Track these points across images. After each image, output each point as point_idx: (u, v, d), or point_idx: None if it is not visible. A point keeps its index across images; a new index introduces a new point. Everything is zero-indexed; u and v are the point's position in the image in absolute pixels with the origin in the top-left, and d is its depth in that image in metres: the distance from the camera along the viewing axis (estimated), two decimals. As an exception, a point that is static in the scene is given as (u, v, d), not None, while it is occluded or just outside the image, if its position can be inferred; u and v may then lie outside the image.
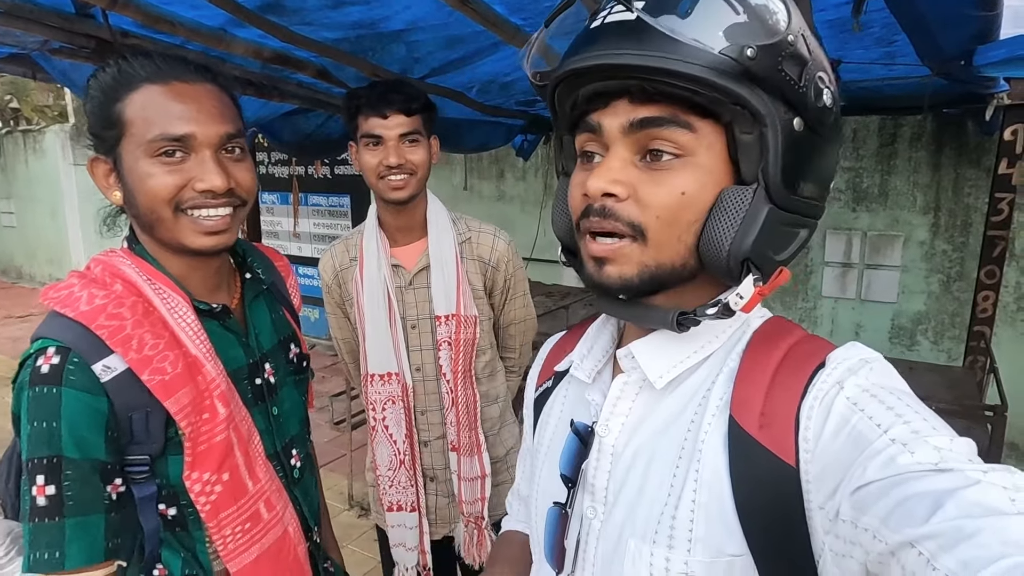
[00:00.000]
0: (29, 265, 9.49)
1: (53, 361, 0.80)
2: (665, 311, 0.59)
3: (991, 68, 1.74)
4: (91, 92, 0.87)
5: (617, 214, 0.57)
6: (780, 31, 0.51)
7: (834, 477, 0.50)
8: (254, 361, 1.00)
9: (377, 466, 1.64)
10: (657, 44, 0.52)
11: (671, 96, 0.54)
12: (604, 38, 0.54)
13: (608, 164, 0.57)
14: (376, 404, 1.59)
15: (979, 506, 0.40)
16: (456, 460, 1.59)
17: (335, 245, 1.68)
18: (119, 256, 0.90)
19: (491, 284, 1.62)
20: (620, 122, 0.56)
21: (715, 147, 0.56)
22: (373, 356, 1.57)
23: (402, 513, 1.63)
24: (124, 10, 1.52)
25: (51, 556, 0.78)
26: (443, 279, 1.53)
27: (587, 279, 0.62)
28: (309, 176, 5.85)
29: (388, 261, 1.55)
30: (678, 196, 0.56)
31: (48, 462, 0.78)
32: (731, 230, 0.55)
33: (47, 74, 2.15)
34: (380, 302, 1.53)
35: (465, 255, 1.58)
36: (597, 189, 0.57)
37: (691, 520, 0.56)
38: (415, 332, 1.57)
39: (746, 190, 0.55)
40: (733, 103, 0.53)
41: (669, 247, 0.57)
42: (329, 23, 1.76)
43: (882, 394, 0.51)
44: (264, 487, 0.95)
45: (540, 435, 0.78)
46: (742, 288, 0.56)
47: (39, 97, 9.35)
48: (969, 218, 3.37)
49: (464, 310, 1.53)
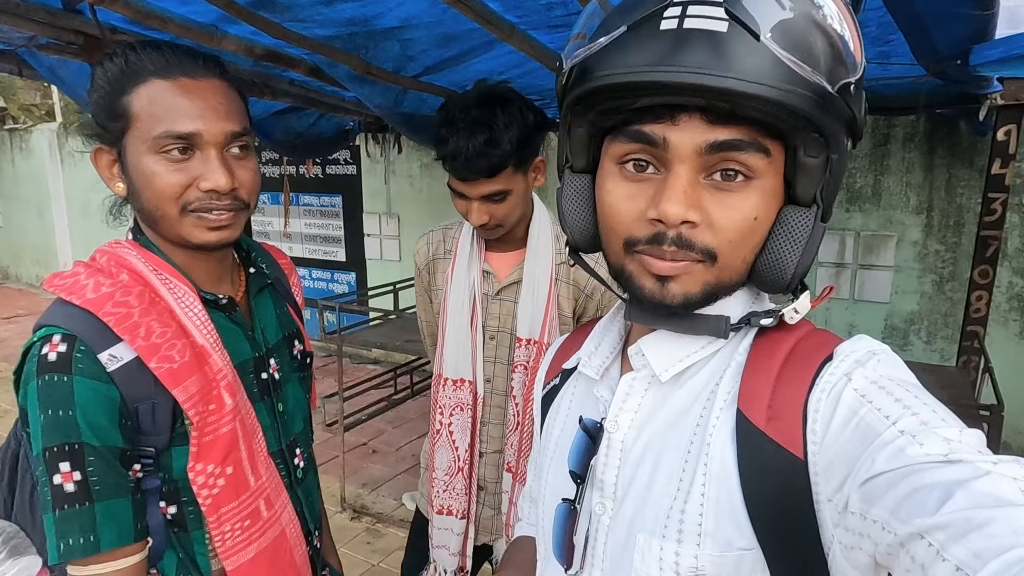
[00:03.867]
0: (15, 265, 9.38)
1: (60, 349, 0.79)
2: (716, 320, 0.59)
3: (987, 67, 1.75)
4: (97, 81, 0.85)
5: (693, 243, 0.54)
6: (862, 60, 0.52)
7: (842, 469, 0.49)
8: (260, 355, 0.99)
9: (434, 468, 1.59)
10: (756, 65, 0.48)
11: (751, 119, 0.51)
12: (690, 49, 0.48)
13: (681, 187, 0.53)
14: (444, 408, 1.53)
15: (989, 497, 0.40)
16: (511, 483, 1.54)
17: (434, 231, 1.59)
18: (124, 247, 0.89)
19: (581, 311, 1.53)
20: (696, 142, 0.52)
21: (779, 169, 0.56)
22: (449, 359, 1.51)
23: (451, 518, 1.58)
24: (113, 6, 1.50)
25: (85, 541, 0.77)
26: (532, 301, 1.44)
27: (643, 295, 0.58)
28: (300, 176, 5.81)
29: (480, 265, 1.48)
30: (751, 221, 0.55)
31: (69, 448, 0.77)
32: (796, 252, 0.56)
33: (34, 71, 2.12)
34: (465, 306, 1.47)
35: (561, 277, 1.48)
36: (677, 216, 0.53)
37: (700, 514, 0.56)
38: (492, 343, 1.51)
39: (807, 212, 0.56)
40: (813, 130, 0.52)
41: (733, 268, 0.57)
42: (322, 20, 1.74)
43: (890, 386, 0.51)
44: (265, 484, 0.94)
45: (547, 432, 0.78)
46: (799, 304, 0.59)
47: (26, 96, 9.25)
48: (962, 218, 3.38)
49: (548, 338, 1.45)
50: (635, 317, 0.64)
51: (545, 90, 2.75)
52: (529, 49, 1.86)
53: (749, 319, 0.59)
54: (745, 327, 0.62)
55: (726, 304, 0.61)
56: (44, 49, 1.85)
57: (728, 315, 0.60)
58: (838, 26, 0.51)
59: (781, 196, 0.57)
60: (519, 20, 1.73)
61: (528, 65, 2.15)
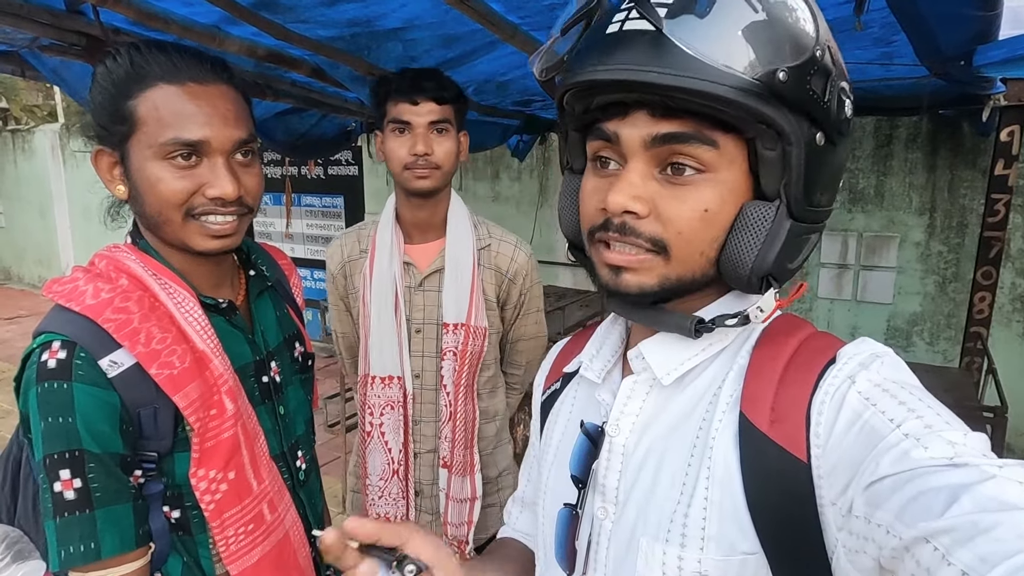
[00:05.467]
0: (18, 266, 9.40)
1: (60, 356, 0.78)
2: (682, 317, 0.59)
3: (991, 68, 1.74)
4: (100, 82, 0.84)
5: (638, 231, 0.56)
6: (809, 47, 0.51)
7: (846, 472, 0.49)
8: (260, 358, 0.99)
9: (367, 474, 1.56)
10: (681, 60, 0.50)
11: (694, 112, 0.52)
12: (624, 48, 0.52)
13: (628, 179, 0.55)
14: (374, 408, 1.51)
15: (995, 500, 0.40)
16: (446, 478, 1.52)
17: (346, 234, 1.60)
18: (123, 251, 0.89)
19: (505, 296, 1.55)
20: (641, 135, 0.55)
21: (737, 162, 0.55)
22: (375, 357, 1.49)
23: None
24: (116, 7, 1.49)
25: (86, 548, 0.77)
26: (456, 285, 1.45)
27: (601, 283, 0.61)
28: (302, 176, 5.82)
29: (401, 258, 1.48)
30: (700, 213, 0.55)
31: (70, 456, 0.77)
32: (754, 247, 0.55)
33: (36, 72, 2.12)
34: (388, 300, 1.46)
35: (482, 262, 1.50)
36: (618, 205, 0.55)
37: (703, 518, 0.56)
38: (419, 337, 1.50)
39: (769, 207, 0.55)
40: (758, 121, 0.52)
41: (691, 261, 0.57)
42: (324, 20, 1.74)
43: (894, 388, 0.51)
44: (267, 488, 0.93)
45: (548, 437, 0.77)
46: (763, 302, 0.57)
47: (28, 97, 9.26)
48: (965, 219, 3.38)
49: (475, 320, 1.46)
50: (612, 307, 0.66)
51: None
52: (532, 50, 1.85)
53: (715, 320, 0.58)
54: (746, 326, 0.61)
55: (701, 303, 0.62)
56: (47, 50, 1.85)
57: (700, 316, 0.59)
58: (777, 10, 0.51)
59: (745, 191, 0.56)
60: (521, 21, 1.73)
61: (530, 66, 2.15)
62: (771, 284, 0.57)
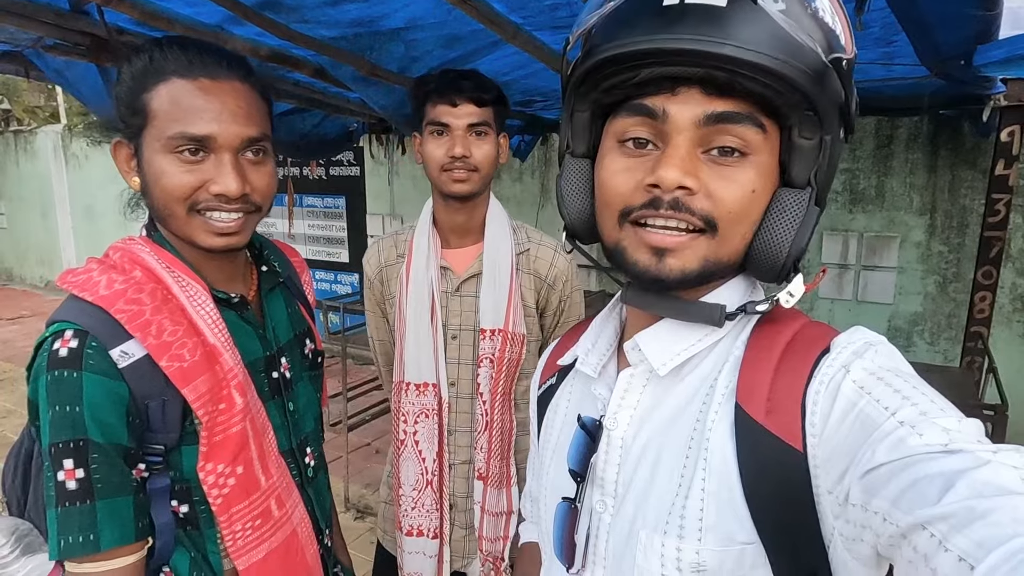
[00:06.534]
0: (20, 267, 9.41)
1: (71, 344, 0.79)
2: (710, 307, 0.60)
3: (991, 68, 1.74)
4: (122, 76, 0.85)
5: (691, 208, 0.55)
6: (852, 41, 0.53)
7: (842, 461, 0.50)
8: (271, 354, 0.99)
9: (400, 484, 1.49)
10: (756, 36, 0.50)
11: (748, 92, 0.52)
12: (690, 20, 0.50)
13: (679, 155, 0.55)
14: (408, 416, 1.46)
15: (990, 486, 0.40)
16: (482, 490, 1.46)
17: (383, 239, 1.57)
18: (138, 243, 0.89)
19: (544, 303, 1.49)
20: (694, 113, 0.54)
21: (775, 148, 0.57)
22: (411, 363, 1.45)
23: (423, 539, 1.47)
24: (120, 7, 1.50)
25: (85, 539, 0.77)
26: (494, 290, 1.41)
27: (637, 270, 0.59)
28: (304, 177, 5.82)
29: (438, 262, 1.44)
30: (749, 194, 0.56)
31: (75, 445, 0.77)
32: (790, 233, 0.57)
33: (40, 72, 2.13)
34: (424, 305, 1.42)
35: (521, 268, 1.45)
36: (672, 180, 0.54)
37: (701, 509, 0.56)
38: (455, 343, 1.45)
39: (802, 194, 0.57)
40: (807, 109, 0.53)
41: (734, 242, 0.58)
42: (327, 21, 1.75)
43: (888, 377, 0.51)
44: (276, 483, 0.94)
45: (546, 432, 0.78)
46: (794, 287, 0.58)
47: (30, 98, 9.27)
48: (965, 219, 3.38)
49: (513, 327, 1.41)
50: (631, 299, 0.64)
51: (548, 91, 2.75)
52: (533, 50, 1.86)
53: (745, 307, 0.59)
54: (743, 316, 0.61)
55: (721, 293, 0.62)
56: (51, 50, 1.86)
57: (724, 304, 0.60)
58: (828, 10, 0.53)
59: (776, 177, 0.58)
60: (523, 21, 1.74)
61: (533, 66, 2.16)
62: (799, 270, 0.59)
